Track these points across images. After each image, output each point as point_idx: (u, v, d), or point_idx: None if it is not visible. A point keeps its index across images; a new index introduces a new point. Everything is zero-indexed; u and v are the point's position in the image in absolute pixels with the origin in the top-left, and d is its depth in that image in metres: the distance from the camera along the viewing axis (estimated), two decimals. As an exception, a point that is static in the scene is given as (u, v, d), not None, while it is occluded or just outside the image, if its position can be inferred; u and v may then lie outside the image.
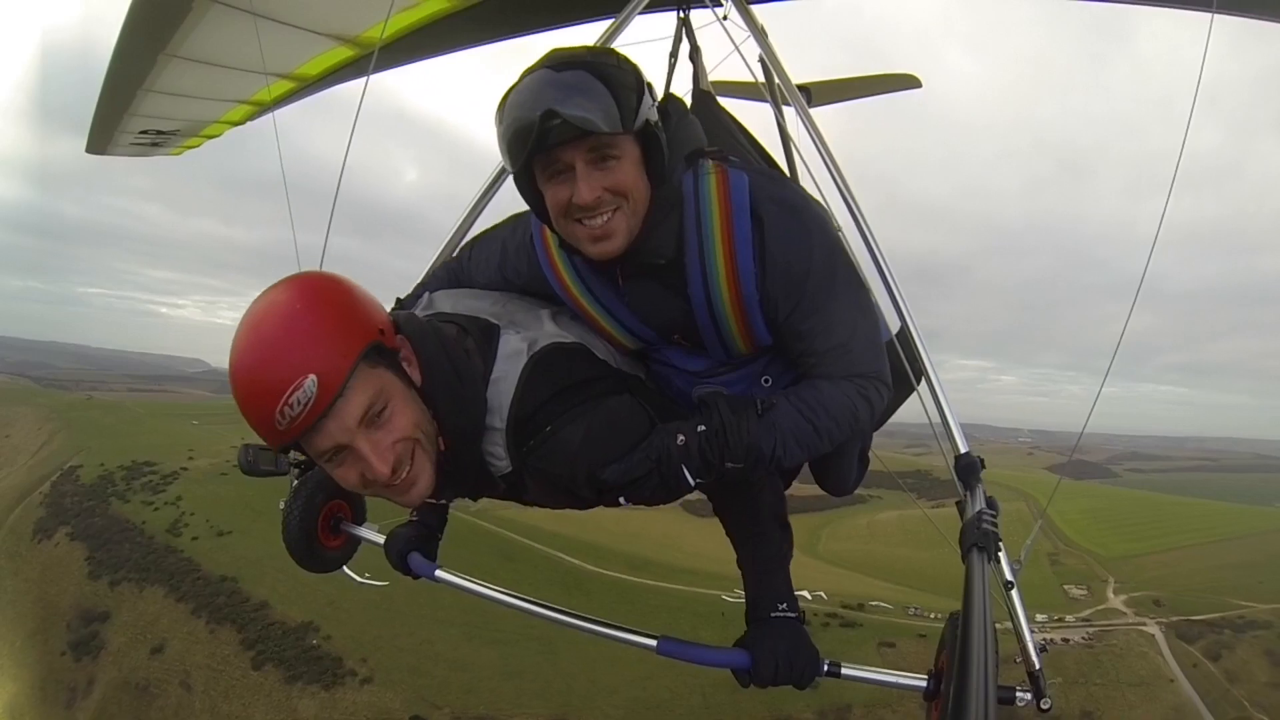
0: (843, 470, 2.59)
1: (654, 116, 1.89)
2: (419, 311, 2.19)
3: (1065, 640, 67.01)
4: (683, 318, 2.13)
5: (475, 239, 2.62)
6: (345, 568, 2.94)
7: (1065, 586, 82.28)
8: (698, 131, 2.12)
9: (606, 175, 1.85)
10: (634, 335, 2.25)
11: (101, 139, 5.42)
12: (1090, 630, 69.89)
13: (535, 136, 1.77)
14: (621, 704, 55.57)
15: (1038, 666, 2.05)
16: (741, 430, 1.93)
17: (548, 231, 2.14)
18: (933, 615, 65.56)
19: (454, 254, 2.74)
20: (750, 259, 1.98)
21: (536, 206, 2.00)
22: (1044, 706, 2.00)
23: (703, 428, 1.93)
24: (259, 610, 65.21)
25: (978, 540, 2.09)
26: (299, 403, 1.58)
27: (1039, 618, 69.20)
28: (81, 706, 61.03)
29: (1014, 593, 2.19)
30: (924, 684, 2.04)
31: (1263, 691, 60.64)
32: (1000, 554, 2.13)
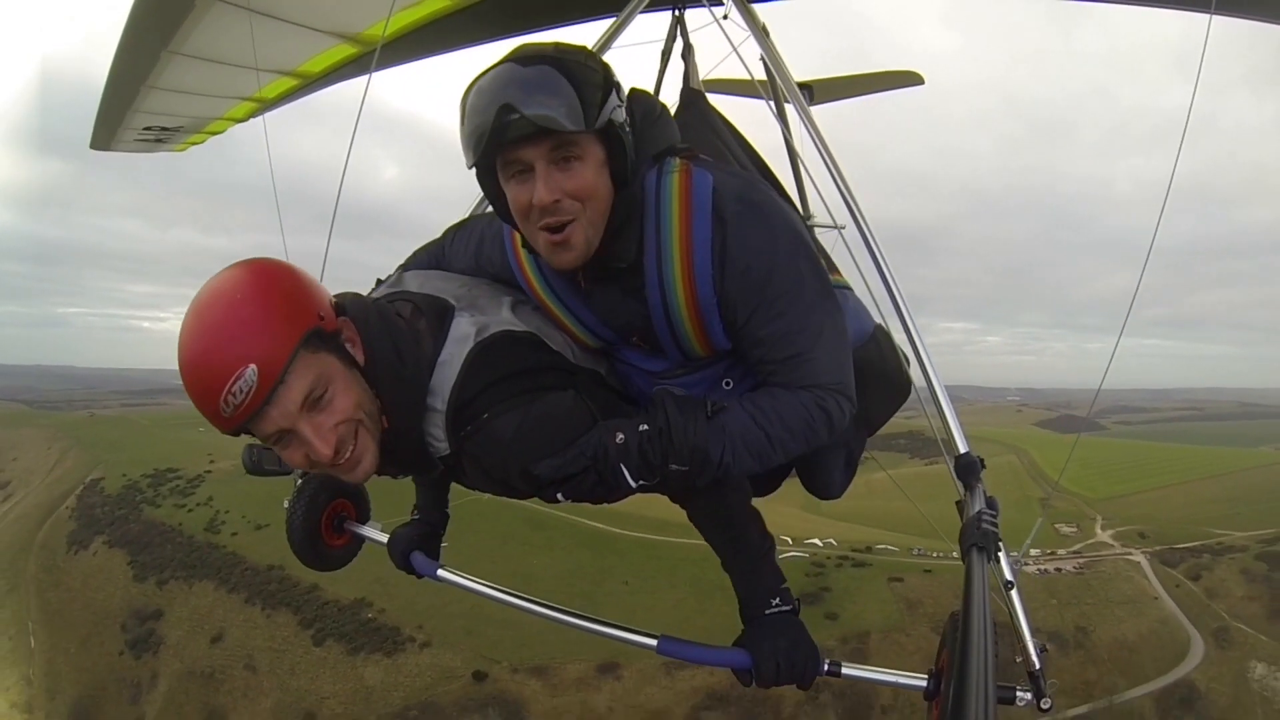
0: (826, 475, 2.62)
1: (620, 117, 1.85)
2: (385, 289, 2.27)
3: (1058, 570, 73.21)
4: (640, 321, 2.12)
5: (459, 224, 2.61)
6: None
7: (1056, 525, 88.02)
8: (670, 130, 2.09)
9: (568, 177, 1.81)
10: (594, 334, 2.25)
11: (105, 135, 5.50)
12: (1081, 561, 76.16)
13: (491, 132, 1.75)
14: (661, 645, 60.67)
15: (1038, 666, 2.06)
16: (687, 431, 1.89)
17: None
18: (935, 554, 70.83)
19: (438, 236, 2.66)
20: (708, 261, 1.94)
21: (499, 205, 1.96)
22: (1044, 706, 2.00)
23: (645, 427, 1.90)
24: (311, 592, 69.26)
25: (978, 540, 2.08)
26: (241, 392, 1.63)
27: (1033, 552, 75.39)
28: (148, 700, 64.80)
29: (1014, 593, 2.20)
30: (924, 683, 2.07)
31: (1239, 604, 67.22)
32: (1000, 554, 2.14)
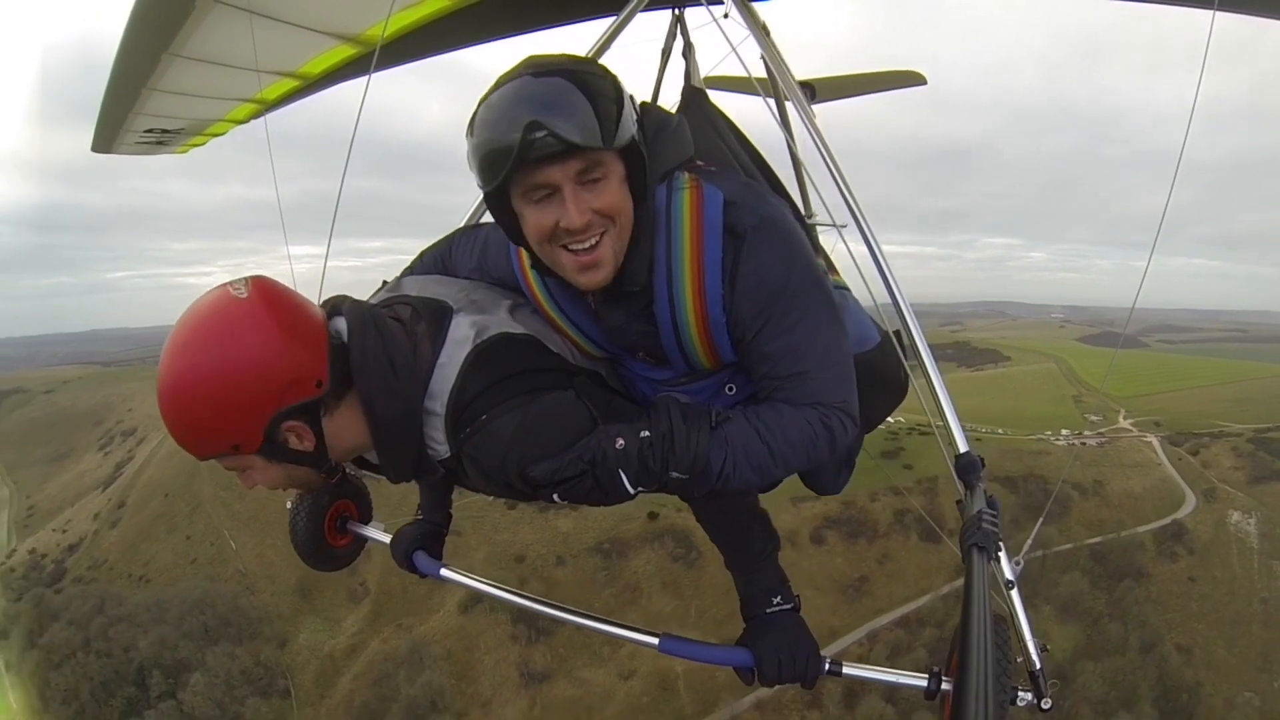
0: (826, 474, 2.73)
1: (634, 132, 1.92)
2: (384, 294, 2.44)
3: (1083, 443, 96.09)
4: (648, 339, 2.26)
5: (463, 229, 2.79)
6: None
7: (1085, 415, 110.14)
8: (684, 144, 2.17)
9: (595, 196, 1.89)
10: (599, 348, 2.40)
11: (106, 138, 5.83)
12: (1103, 439, 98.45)
13: (518, 151, 1.77)
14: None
15: (1039, 666, 2.23)
16: (690, 440, 1.98)
17: None
18: (983, 429, 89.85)
19: (443, 239, 2.82)
20: (719, 281, 2.05)
21: (512, 229, 2.03)
22: (1044, 707, 2.16)
23: (646, 433, 1.99)
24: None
25: (978, 540, 2.22)
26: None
27: (1064, 432, 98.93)
28: (366, 571, 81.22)
29: (1014, 592, 2.36)
30: (924, 683, 2.26)
31: (1227, 473, 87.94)
32: (1001, 553, 2.29)
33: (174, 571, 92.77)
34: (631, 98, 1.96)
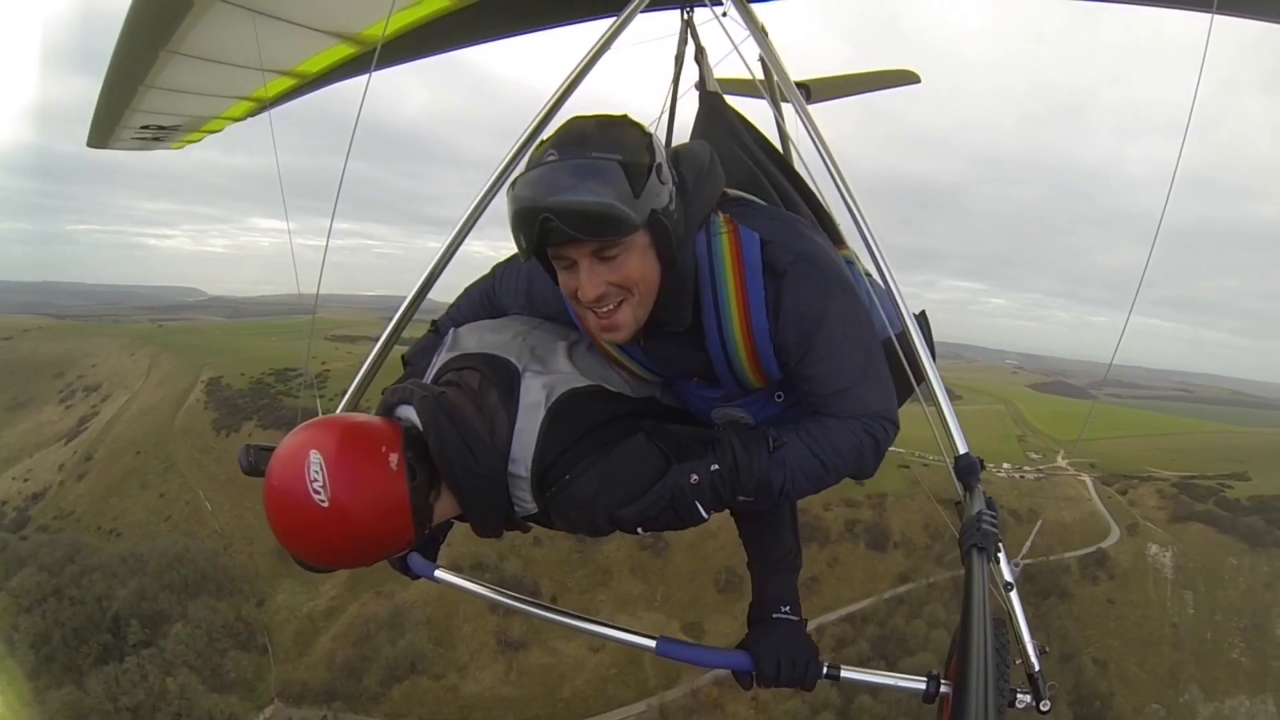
0: None
1: (662, 201, 2.08)
2: (446, 354, 2.58)
3: (1022, 476, 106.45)
4: (701, 366, 2.52)
5: (505, 262, 2.93)
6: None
7: (1027, 453, 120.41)
8: (717, 182, 2.40)
9: (611, 270, 2.11)
10: (654, 374, 2.67)
11: (103, 134, 5.95)
12: (1040, 475, 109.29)
13: (536, 238, 2.03)
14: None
15: (1037, 668, 2.27)
16: (753, 467, 2.27)
17: None
18: (932, 457, 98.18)
19: (485, 276, 3.01)
20: (764, 315, 2.31)
21: (554, 280, 2.28)
22: (1043, 708, 2.22)
23: (715, 466, 2.26)
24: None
25: (978, 541, 2.28)
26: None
27: (1005, 466, 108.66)
28: None
29: (1014, 593, 2.40)
30: (923, 686, 2.35)
31: (1150, 511, 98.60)
32: (1000, 554, 2.34)
33: (147, 528, 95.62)
34: (660, 164, 2.11)
